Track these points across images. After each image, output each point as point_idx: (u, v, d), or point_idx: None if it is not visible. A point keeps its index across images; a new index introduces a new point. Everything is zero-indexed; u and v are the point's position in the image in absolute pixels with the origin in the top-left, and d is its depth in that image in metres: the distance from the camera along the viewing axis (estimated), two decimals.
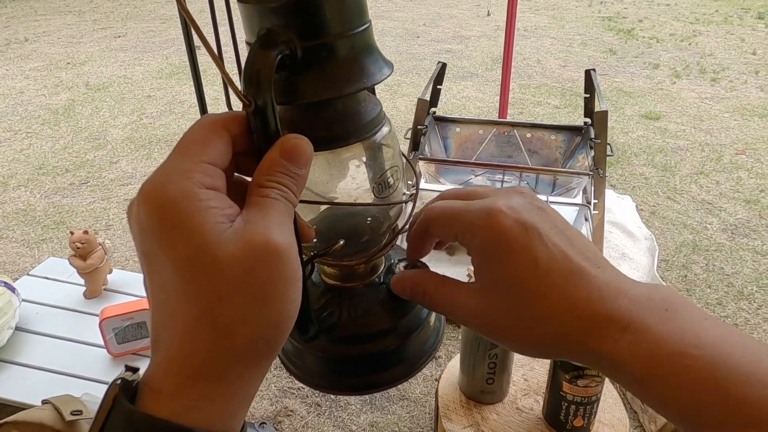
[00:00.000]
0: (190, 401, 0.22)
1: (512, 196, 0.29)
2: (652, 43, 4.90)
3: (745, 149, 2.89)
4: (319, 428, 1.44)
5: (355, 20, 0.27)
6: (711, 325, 0.25)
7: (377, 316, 0.34)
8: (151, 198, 0.22)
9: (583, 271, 0.27)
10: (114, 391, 0.22)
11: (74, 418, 1.02)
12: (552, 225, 0.28)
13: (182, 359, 0.22)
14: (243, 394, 0.24)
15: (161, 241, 0.22)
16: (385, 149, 0.32)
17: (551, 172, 2.03)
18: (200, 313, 0.22)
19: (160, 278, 0.22)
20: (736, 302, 1.83)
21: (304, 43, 0.26)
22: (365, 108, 0.30)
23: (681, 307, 0.26)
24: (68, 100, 3.79)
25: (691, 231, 2.21)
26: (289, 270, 0.23)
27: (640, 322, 0.25)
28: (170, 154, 0.24)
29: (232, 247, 0.22)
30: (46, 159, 2.95)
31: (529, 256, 0.27)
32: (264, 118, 0.25)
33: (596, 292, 0.26)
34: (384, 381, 0.34)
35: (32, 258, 2.13)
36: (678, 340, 0.24)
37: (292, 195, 0.25)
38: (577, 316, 0.26)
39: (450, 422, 1.10)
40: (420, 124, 1.98)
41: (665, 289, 0.27)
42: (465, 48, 4.85)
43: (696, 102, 3.56)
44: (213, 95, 3.42)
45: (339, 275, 0.35)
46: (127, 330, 1.34)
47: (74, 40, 5.28)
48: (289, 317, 0.24)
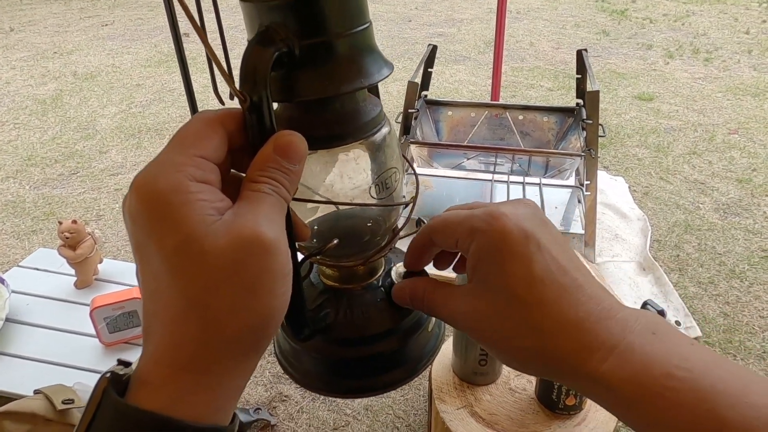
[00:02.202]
0: (177, 393, 0.22)
1: (517, 205, 0.29)
2: (646, 24, 4.87)
3: (737, 129, 2.89)
4: (313, 413, 1.45)
5: (355, 20, 0.27)
6: (697, 349, 0.25)
7: (374, 319, 0.34)
8: (142, 190, 0.23)
9: (577, 288, 0.27)
10: (103, 383, 0.22)
11: (66, 407, 1.02)
12: (553, 239, 0.28)
13: (171, 350, 0.22)
14: (231, 387, 0.24)
15: (151, 232, 0.22)
16: (384, 150, 0.31)
17: (543, 153, 2.02)
18: (188, 303, 0.22)
19: (151, 269, 0.23)
20: (727, 281, 1.84)
21: (303, 42, 0.26)
22: (365, 108, 0.30)
23: (667, 331, 0.26)
24: (56, 90, 3.74)
25: (683, 211, 2.22)
26: (276, 264, 0.23)
27: (627, 344, 0.25)
28: (164, 147, 0.24)
29: (221, 239, 0.22)
30: (35, 150, 2.92)
31: (526, 264, 0.27)
32: (259, 115, 0.25)
33: (587, 312, 0.26)
34: (381, 384, 0.34)
35: (22, 249, 2.12)
36: (665, 362, 0.24)
37: (284, 190, 0.25)
38: (565, 333, 0.26)
39: (443, 404, 1.11)
40: (411, 107, 1.96)
41: (651, 314, 0.27)
42: (458, 31, 4.81)
43: (689, 82, 3.55)
44: (202, 82, 3.38)
45: (337, 276, 0.35)
46: (118, 319, 1.33)
47: (61, 29, 5.20)
48: (277, 311, 0.24)
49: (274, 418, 1.42)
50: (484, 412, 1.00)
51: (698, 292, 1.80)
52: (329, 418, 1.44)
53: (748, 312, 1.71)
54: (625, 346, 0.25)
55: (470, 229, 0.28)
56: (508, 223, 0.27)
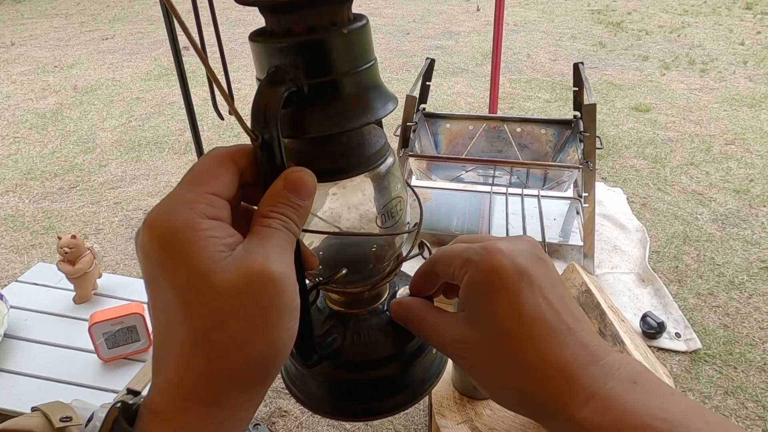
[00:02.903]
0: (186, 425, 0.22)
1: (516, 241, 0.29)
2: (642, 36, 4.91)
3: (734, 139, 2.91)
4: (313, 428, 1.44)
5: (360, 59, 0.28)
6: (677, 399, 0.25)
7: (380, 343, 0.34)
8: (155, 227, 0.23)
9: (566, 330, 0.27)
10: (114, 414, 0.23)
11: (63, 425, 1.01)
12: (548, 277, 0.28)
13: (180, 381, 0.23)
14: (237, 418, 0.24)
15: (163, 267, 0.23)
16: (388, 180, 0.32)
17: (541, 166, 2.03)
18: (197, 336, 0.23)
19: (162, 303, 0.24)
20: (727, 292, 1.84)
21: (311, 81, 0.27)
22: (369, 141, 0.31)
23: (649, 381, 0.26)
24: (56, 103, 3.76)
25: (681, 222, 2.22)
26: (284, 298, 0.24)
27: (607, 391, 0.25)
28: (177, 185, 0.25)
29: (230, 274, 0.22)
30: (34, 164, 2.93)
31: (516, 301, 0.27)
32: (270, 152, 0.26)
33: (572, 355, 0.26)
34: (385, 408, 0.34)
35: (21, 264, 2.11)
36: (643, 413, 0.24)
37: (293, 225, 0.25)
38: (547, 374, 0.26)
39: (443, 418, 1.10)
40: (409, 120, 1.97)
41: (637, 362, 0.27)
42: (455, 44, 4.85)
43: (685, 93, 3.57)
44: (202, 96, 3.40)
45: (343, 301, 0.36)
46: (117, 335, 1.33)
47: (61, 43, 5.23)
48: (284, 345, 0.24)
49: None
50: (485, 426, 0.99)
51: (698, 304, 1.79)
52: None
53: (748, 323, 1.71)
54: (605, 393, 0.25)
55: (465, 260, 0.29)
56: (502, 259, 0.28)
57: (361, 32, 0.28)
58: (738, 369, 1.56)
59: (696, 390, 1.50)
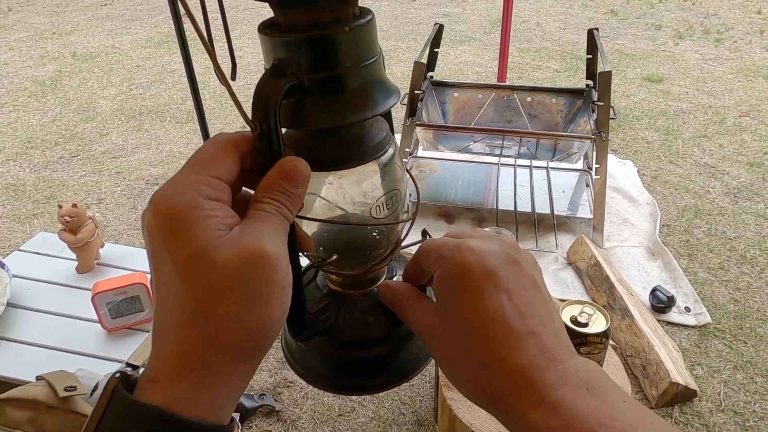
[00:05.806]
0: (181, 391, 0.24)
1: (491, 241, 0.30)
2: (655, 3, 4.76)
3: (748, 111, 2.83)
4: (318, 399, 1.44)
5: (362, 55, 0.29)
6: (628, 407, 0.26)
7: (372, 324, 0.36)
8: (160, 206, 0.25)
9: (528, 332, 0.27)
10: (113, 382, 0.24)
11: (68, 394, 1.00)
12: (518, 279, 0.29)
13: (177, 351, 0.24)
14: (230, 387, 0.26)
15: (166, 244, 0.25)
16: (388, 170, 0.33)
17: (552, 136, 1.98)
18: (195, 309, 0.24)
19: (164, 277, 0.25)
20: (738, 266, 1.81)
21: (313, 75, 0.28)
22: (370, 133, 0.32)
23: (603, 388, 0.27)
24: (55, 71, 3.69)
25: (693, 195, 2.18)
26: (277, 275, 0.25)
27: (558, 396, 0.26)
28: (182, 167, 0.27)
29: (227, 252, 0.24)
30: (35, 132, 2.88)
31: (479, 301, 0.28)
32: (268, 141, 0.27)
33: (529, 358, 0.27)
34: (373, 386, 0.36)
35: (23, 233, 2.10)
36: (591, 419, 0.25)
37: (286, 210, 0.27)
38: (502, 374, 0.27)
39: (450, 390, 1.09)
40: (417, 88, 1.92)
41: (596, 369, 0.28)
42: (462, 11, 4.71)
43: (699, 63, 3.48)
44: (203, 63, 3.33)
45: (341, 282, 0.37)
46: (120, 304, 1.31)
47: (59, 9, 5.12)
48: (276, 319, 0.26)
49: (279, 404, 1.41)
50: None
51: (708, 278, 1.77)
52: (334, 404, 1.42)
53: (759, 298, 1.69)
54: (556, 397, 0.26)
55: (439, 256, 0.30)
56: (471, 258, 0.29)
57: (364, 29, 0.28)
58: (748, 344, 1.54)
59: (705, 364, 1.49)
